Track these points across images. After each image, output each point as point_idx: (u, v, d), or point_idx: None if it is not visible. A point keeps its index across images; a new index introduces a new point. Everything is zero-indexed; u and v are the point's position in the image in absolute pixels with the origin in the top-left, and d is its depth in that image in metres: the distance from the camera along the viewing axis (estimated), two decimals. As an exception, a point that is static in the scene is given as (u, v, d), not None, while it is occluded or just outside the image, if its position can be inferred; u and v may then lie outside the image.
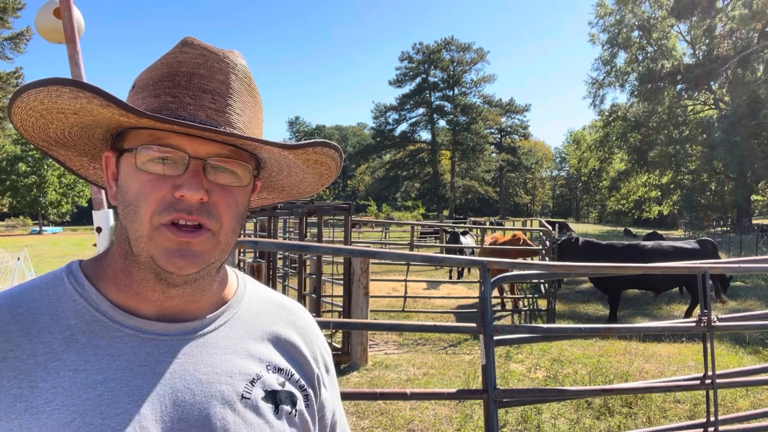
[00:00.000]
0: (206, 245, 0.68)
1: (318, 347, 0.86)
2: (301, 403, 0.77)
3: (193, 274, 0.68)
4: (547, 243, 9.92)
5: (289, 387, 0.76)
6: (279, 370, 0.77)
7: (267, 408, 0.72)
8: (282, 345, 0.80)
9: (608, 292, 9.25)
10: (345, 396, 2.20)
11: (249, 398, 0.71)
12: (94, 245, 2.97)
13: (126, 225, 0.68)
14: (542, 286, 10.61)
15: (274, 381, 0.75)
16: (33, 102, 0.63)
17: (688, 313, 8.62)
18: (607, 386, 4.69)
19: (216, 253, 0.70)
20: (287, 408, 0.75)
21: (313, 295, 6.72)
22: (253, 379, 0.73)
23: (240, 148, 0.71)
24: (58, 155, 0.77)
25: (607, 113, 42.77)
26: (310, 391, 0.80)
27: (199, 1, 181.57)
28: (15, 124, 0.67)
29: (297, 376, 0.79)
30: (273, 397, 0.74)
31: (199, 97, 0.68)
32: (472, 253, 12.65)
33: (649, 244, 9.55)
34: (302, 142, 0.75)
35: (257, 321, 0.80)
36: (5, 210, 56.64)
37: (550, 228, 10.64)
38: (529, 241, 10.63)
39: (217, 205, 0.68)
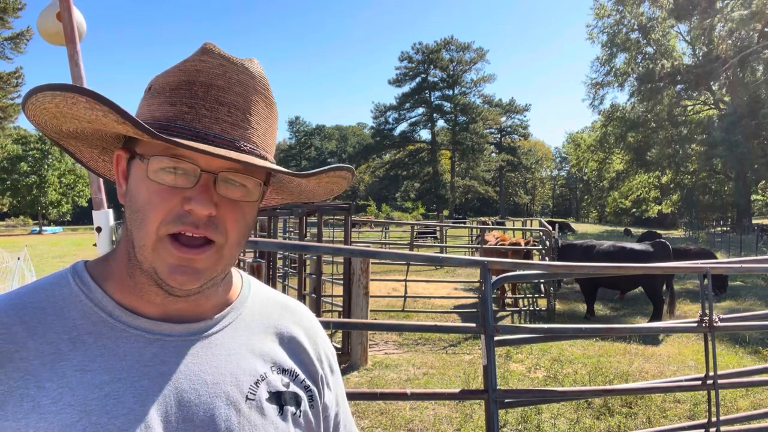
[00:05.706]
0: (209, 261, 0.68)
1: (322, 347, 0.86)
2: (305, 404, 0.77)
3: (196, 287, 0.68)
4: (547, 243, 9.95)
5: (293, 388, 0.77)
6: (284, 370, 0.77)
7: (271, 409, 0.72)
8: (286, 345, 0.81)
9: (583, 291, 9.79)
10: (345, 396, 2.18)
11: (254, 399, 0.71)
12: (94, 245, 2.97)
13: (132, 230, 0.68)
14: (542, 285, 10.62)
15: (278, 382, 0.75)
16: (48, 104, 0.62)
17: (651, 320, 8.55)
18: (609, 387, 4.69)
19: (219, 267, 0.70)
20: (292, 409, 0.75)
21: (313, 295, 6.71)
22: (258, 380, 0.73)
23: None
24: (68, 145, 0.77)
25: (608, 111, 42.66)
26: (315, 392, 0.80)
27: (199, 0, 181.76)
28: (29, 118, 0.66)
29: (302, 376, 0.79)
30: (277, 398, 0.74)
31: (215, 109, 0.67)
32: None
33: (605, 244, 9.96)
34: (315, 170, 0.76)
35: (261, 322, 0.80)
36: (5, 210, 56.71)
37: (550, 228, 10.67)
38: (528, 240, 10.66)
39: (224, 219, 0.68)
